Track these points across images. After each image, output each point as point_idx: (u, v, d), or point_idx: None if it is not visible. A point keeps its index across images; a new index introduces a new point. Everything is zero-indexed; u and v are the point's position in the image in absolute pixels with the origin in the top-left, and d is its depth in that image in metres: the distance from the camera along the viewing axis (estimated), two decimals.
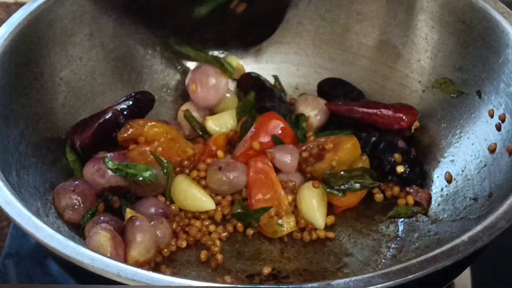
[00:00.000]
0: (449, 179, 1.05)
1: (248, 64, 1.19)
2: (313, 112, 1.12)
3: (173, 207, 1.02)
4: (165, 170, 1.02)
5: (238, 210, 1.03)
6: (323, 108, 1.12)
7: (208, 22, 1.12)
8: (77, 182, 1.02)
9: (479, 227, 0.83)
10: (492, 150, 1.01)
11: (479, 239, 0.82)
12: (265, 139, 1.07)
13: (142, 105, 1.10)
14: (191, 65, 1.18)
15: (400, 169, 1.05)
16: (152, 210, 1.01)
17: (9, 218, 0.85)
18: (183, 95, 1.17)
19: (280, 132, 1.07)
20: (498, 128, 1.01)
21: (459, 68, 1.08)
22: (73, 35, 1.10)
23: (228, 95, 1.14)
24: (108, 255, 0.90)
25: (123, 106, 1.08)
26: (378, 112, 1.09)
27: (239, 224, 1.02)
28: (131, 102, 1.09)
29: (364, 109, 1.09)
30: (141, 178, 1.01)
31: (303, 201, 1.03)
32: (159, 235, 0.98)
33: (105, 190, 1.02)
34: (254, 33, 1.17)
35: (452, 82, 1.08)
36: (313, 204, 1.03)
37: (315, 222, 1.02)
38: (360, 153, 1.06)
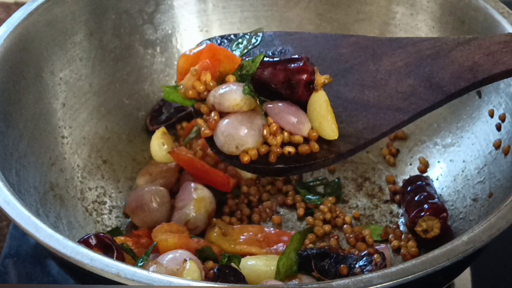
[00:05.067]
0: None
1: None
2: None
3: None
4: None
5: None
6: None
7: None
8: None
9: (479, 227, 0.83)
10: (497, 146, 1.00)
11: (479, 239, 0.82)
12: None
13: None
14: None
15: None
16: None
17: (9, 218, 0.85)
18: None
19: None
20: (498, 128, 1.01)
21: None
22: (73, 35, 1.10)
23: None
24: None
25: None
26: None
27: None
28: None
29: None
30: None
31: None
32: None
33: None
34: None
35: None
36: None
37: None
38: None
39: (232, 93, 0.88)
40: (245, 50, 0.96)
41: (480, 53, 0.89)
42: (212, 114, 0.88)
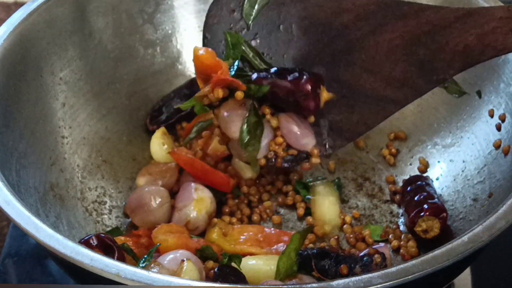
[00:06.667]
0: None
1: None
2: None
3: None
4: None
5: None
6: None
7: None
8: None
9: (479, 227, 0.83)
10: (497, 146, 1.00)
11: (479, 239, 0.82)
12: None
13: None
14: (192, 64, 1.18)
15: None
16: None
17: (9, 218, 0.85)
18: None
19: None
20: (498, 128, 1.01)
21: None
22: (73, 35, 1.10)
23: None
24: None
25: None
26: None
27: None
28: None
29: None
30: None
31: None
32: None
33: None
34: None
35: (455, 82, 1.08)
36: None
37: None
38: None
39: (233, 126, 1.01)
40: (260, 9, 1.03)
41: (474, 33, 0.91)
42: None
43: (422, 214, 0.99)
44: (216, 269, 0.92)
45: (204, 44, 1.08)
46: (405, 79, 0.93)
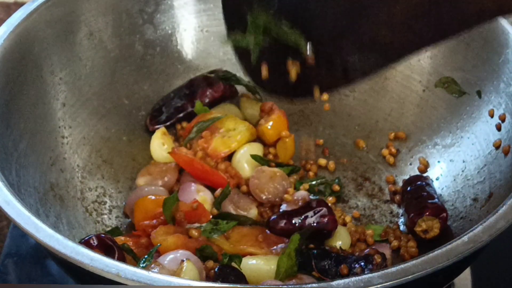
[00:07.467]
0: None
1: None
2: None
3: None
4: None
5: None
6: None
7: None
8: None
9: (479, 227, 0.83)
10: (497, 146, 1.00)
11: (479, 239, 0.82)
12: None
13: None
14: (192, 64, 1.18)
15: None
16: None
17: (9, 218, 0.85)
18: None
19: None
20: (498, 128, 1.01)
21: (459, 68, 1.08)
22: (73, 35, 1.10)
23: None
24: None
25: None
26: None
27: None
28: None
29: None
30: None
31: None
32: None
33: None
34: None
35: (455, 82, 1.08)
36: None
37: None
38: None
39: None
40: None
41: (491, 1, 0.90)
42: None
43: (422, 214, 0.99)
44: (216, 269, 0.92)
45: (227, 31, 1.05)
46: (421, 33, 0.94)
